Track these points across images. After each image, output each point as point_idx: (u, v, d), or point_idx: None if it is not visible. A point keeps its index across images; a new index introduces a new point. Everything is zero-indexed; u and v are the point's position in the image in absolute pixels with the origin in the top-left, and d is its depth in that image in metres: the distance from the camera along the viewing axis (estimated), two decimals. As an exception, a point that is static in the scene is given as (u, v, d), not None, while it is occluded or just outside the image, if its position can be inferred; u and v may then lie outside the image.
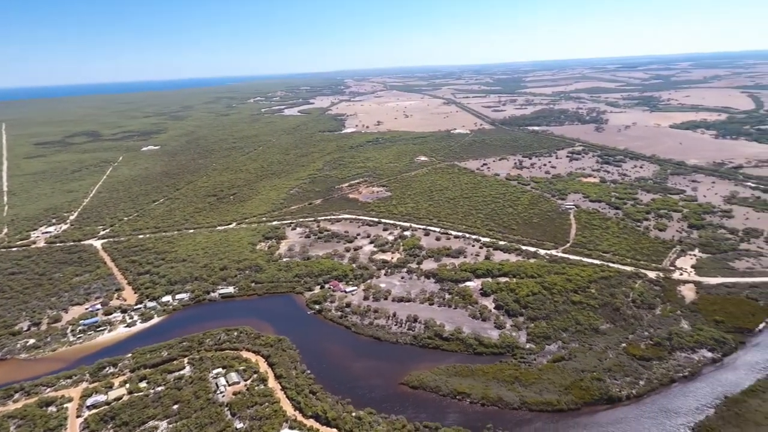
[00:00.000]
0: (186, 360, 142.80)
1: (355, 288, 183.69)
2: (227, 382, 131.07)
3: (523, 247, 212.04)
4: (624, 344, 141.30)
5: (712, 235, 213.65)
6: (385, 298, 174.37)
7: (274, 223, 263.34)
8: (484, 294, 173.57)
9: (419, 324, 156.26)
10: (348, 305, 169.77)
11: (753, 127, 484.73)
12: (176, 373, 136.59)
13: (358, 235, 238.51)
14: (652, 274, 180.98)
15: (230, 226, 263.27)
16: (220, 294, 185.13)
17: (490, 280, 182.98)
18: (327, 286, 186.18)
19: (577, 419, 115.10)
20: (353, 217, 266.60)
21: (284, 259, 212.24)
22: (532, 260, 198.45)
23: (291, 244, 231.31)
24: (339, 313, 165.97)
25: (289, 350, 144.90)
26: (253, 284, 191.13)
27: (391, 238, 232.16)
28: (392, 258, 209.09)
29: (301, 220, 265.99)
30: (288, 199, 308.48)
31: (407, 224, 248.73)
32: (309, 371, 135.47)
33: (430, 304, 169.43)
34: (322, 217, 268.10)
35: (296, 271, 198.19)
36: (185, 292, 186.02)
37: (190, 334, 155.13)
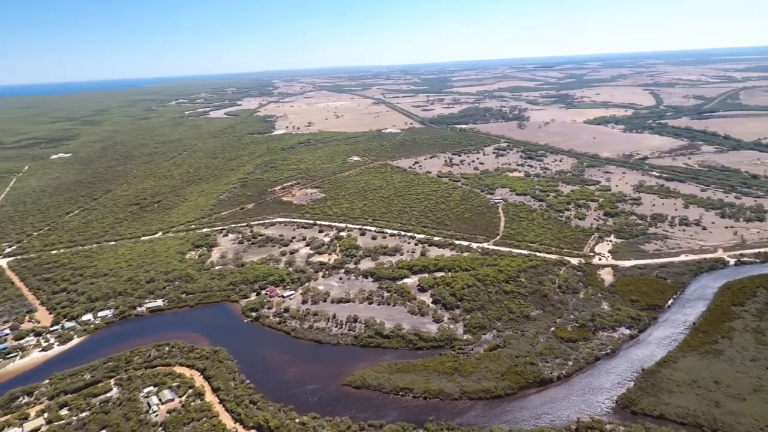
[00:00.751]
0: (113, 381, 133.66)
1: (293, 292, 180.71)
2: (160, 400, 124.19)
3: (457, 242, 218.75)
4: (553, 328, 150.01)
5: (625, 222, 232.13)
6: (324, 301, 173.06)
7: (204, 230, 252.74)
8: (422, 289, 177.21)
9: (360, 324, 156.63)
10: (286, 310, 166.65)
11: (655, 121, 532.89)
12: (102, 396, 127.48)
13: (294, 238, 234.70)
14: (574, 261, 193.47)
15: (156, 235, 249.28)
16: (147, 308, 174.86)
17: (426, 275, 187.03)
18: (263, 292, 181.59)
19: (513, 403, 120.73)
20: (288, 220, 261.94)
21: (217, 267, 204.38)
22: (465, 254, 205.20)
23: (223, 251, 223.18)
24: (277, 319, 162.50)
25: (226, 361, 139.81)
26: (183, 295, 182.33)
27: (327, 239, 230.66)
28: (329, 259, 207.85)
29: (233, 225, 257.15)
30: (218, 204, 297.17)
31: (343, 225, 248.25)
32: (249, 381, 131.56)
33: (370, 303, 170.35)
34: (256, 222, 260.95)
35: (230, 278, 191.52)
36: (108, 309, 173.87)
37: (116, 354, 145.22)
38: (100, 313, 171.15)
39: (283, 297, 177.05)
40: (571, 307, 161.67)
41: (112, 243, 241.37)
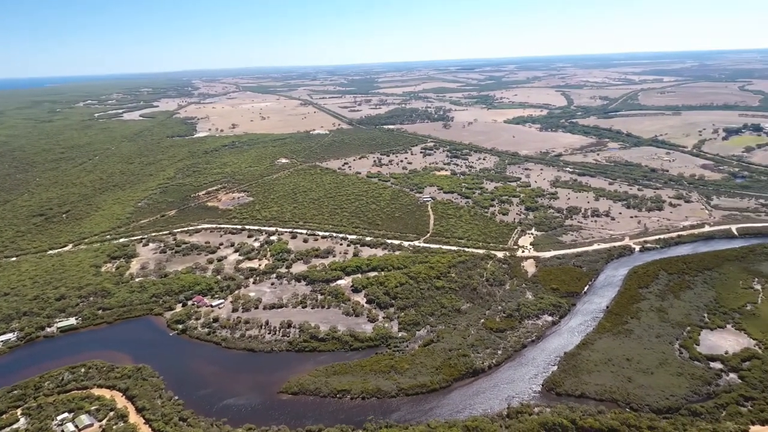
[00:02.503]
0: (19, 411, 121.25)
1: (223, 301, 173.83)
2: (77, 426, 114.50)
3: (389, 241, 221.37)
4: (483, 320, 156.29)
5: (544, 215, 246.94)
6: (256, 307, 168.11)
7: (122, 240, 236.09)
8: (356, 290, 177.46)
9: (294, 329, 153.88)
10: (216, 320, 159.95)
11: (567, 120, 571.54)
12: (7, 429, 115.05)
13: (221, 244, 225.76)
14: (500, 254, 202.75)
15: (66, 248, 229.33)
16: (58, 328, 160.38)
17: (360, 276, 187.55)
18: (190, 302, 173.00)
19: (449, 395, 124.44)
20: (214, 226, 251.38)
21: (137, 279, 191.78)
22: (397, 253, 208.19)
23: (144, 261, 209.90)
24: (206, 330, 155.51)
25: (151, 378, 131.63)
26: (100, 311, 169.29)
27: (257, 244, 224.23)
28: (260, 265, 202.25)
29: (154, 234, 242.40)
30: (136, 212, 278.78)
31: (273, 229, 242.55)
32: (177, 397, 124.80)
33: (304, 307, 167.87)
34: (179, 230, 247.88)
35: (153, 290, 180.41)
36: (11, 332, 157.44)
37: (22, 380, 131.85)
38: (1, 338, 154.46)
39: (211, 306, 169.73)
40: (498, 299, 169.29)
41: (14, 259, 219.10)
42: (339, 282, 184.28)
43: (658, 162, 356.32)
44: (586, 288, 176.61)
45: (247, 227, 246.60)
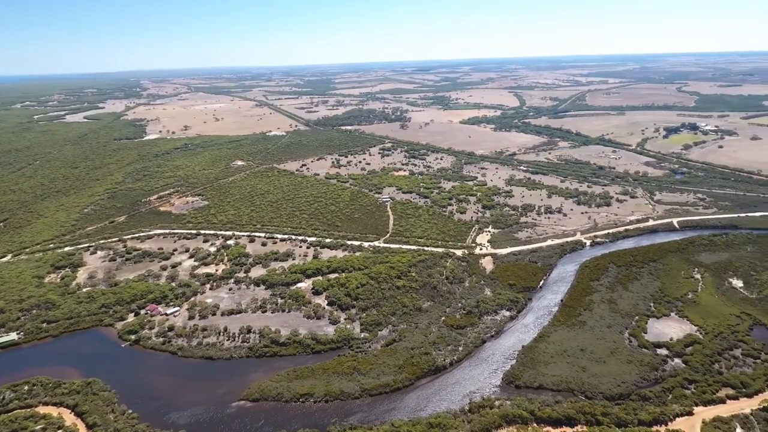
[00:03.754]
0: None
1: (178, 308, 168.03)
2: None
3: (349, 242, 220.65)
4: (443, 317, 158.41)
5: (500, 213, 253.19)
6: (214, 314, 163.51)
7: (67, 249, 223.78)
8: (317, 293, 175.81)
9: (254, 334, 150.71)
10: (171, 328, 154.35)
11: (520, 121, 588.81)
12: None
13: (175, 250, 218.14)
14: (459, 252, 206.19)
15: (4, 259, 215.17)
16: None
17: (320, 278, 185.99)
18: (143, 311, 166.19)
19: (412, 394, 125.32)
20: (167, 231, 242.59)
21: (85, 290, 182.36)
22: (358, 253, 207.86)
23: (92, 270, 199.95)
24: (161, 339, 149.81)
25: (102, 393, 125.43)
26: (44, 325, 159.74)
27: (213, 249, 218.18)
28: (217, 270, 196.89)
29: (102, 241, 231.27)
30: (82, 219, 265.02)
31: (230, 233, 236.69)
32: (131, 410, 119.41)
33: (263, 312, 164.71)
34: (129, 236, 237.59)
35: (102, 300, 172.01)
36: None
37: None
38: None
39: (166, 315, 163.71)
40: (458, 296, 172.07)
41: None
42: (299, 285, 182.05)
43: (606, 160, 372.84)
44: (541, 283, 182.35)
45: (202, 232, 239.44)
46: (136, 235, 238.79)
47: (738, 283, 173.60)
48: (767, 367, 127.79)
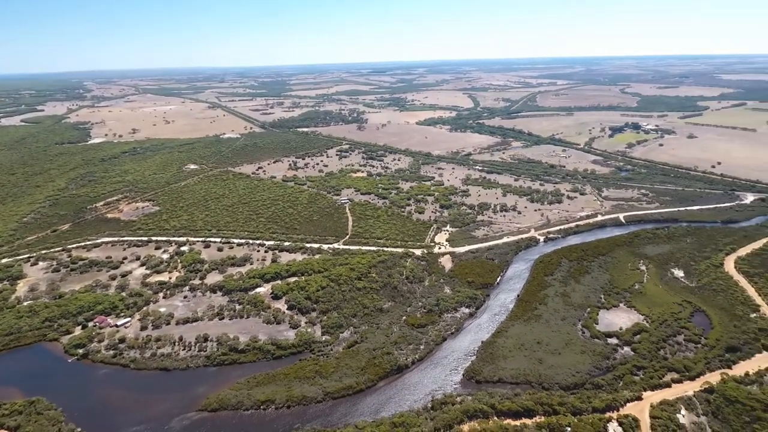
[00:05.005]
0: None
1: (129, 319, 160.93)
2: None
3: (308, 245, 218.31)
4: (404, 317, 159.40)
5: (458, 212, 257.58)
6: (168, 323, 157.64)
7: (4, 260, 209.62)
8: (276, 297, 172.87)
9: (211, 342, 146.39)
10: (122, 340, 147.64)
11: (474, 121, 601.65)
12: None
13: (125, 258, 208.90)
14: (418, 252, 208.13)
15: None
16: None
17: (279, 282, 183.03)
18: (91, 324, 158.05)
19: (375, 395, 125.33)
20: (116, 239, 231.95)
21: (26, 303, 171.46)
22: (317, 256, 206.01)
23: (33, 282, 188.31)
24: (112, 352, 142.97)
25: (47, 412, 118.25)
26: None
27: (166, 256, 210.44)
28: (170, 278, 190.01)
29: (44, 252, 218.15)
30: (21, 228, 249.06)
31: (183, 239, 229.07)
32: (80, 429, 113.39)
33: (221, 319, 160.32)
34: (74, 245, 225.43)
35: (45, 314, 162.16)
36: None
37: None
38: None
39: (116, 326, 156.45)
40: (418, 295, 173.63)
41: None
42: (258, 290, 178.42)
43: (556, 159, 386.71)
44: (498, 279, 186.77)
45: (154, 238, 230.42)
46: (82, 243, 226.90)
47: (679, 273, 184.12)
48: (707, 351, 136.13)
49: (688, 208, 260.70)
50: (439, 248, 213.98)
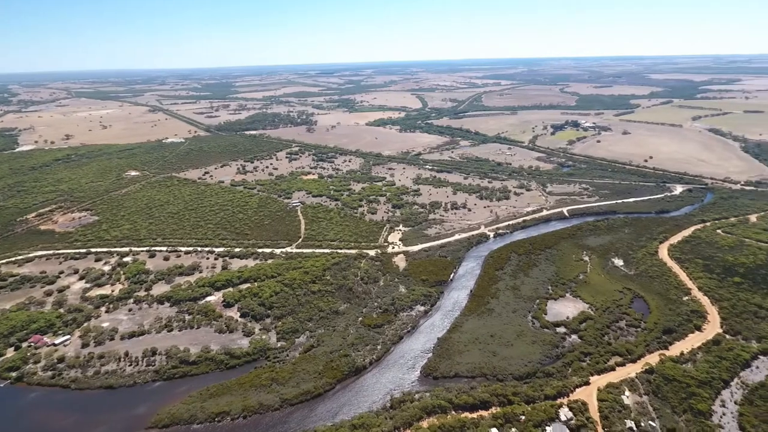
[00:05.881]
0: None
1: (68, 337, 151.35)
2: None
3: (260, 250, 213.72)
4: (360, 318, 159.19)
5: (410, 211, 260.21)
6: (112, 339, 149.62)
7: None
8: (228, 305, 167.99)
9: (160, 356, 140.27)
10: (61, 360, 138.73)
11: (423, 121, 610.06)
12: None
13: (62, 273, 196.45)
14: (372, 252, 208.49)
15: None
16: None
17: (231, 289, 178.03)
18: (26, 344, 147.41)
19: (334, 398, 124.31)
20: (50, 252, 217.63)
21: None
22: (270, 261, 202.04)
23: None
24: (50, 373, 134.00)
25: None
26: None
27: (107, 268, 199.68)
28: (113, 291, 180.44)
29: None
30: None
31: (126, 249, 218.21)
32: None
33: (170, 331, 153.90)
34: (4, 260, 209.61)
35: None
36: None
37: None
38: None
39: (54, 345, 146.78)
40: (374, 296, 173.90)
41: None
42: (208, 299, 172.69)
43: (503, 156, 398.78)
44: (452, 276, 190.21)
45: (93, 250, 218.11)
46: (12, 258, 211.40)
47: (619, 262, 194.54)
48: (646, 334, 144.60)
49: (625, 200, 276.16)
50: (393, 248, 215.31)
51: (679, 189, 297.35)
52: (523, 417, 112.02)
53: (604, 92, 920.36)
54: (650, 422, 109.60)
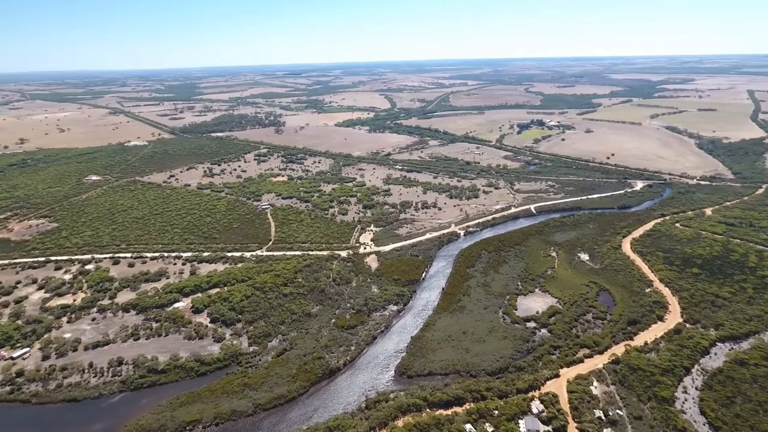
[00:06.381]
0: None
1: (28, 349, 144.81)
2: None
3: (229, 254, 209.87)
4: (333, 320, 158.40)
5: (381, 212, 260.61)
6: (75, 350, 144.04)
7: None
8: (197, 311, 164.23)
9: (126, 366, 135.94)
10: (20, 374, 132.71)
11: (392, 122, 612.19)
12: None
13: (19, 283, 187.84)
14: (344, 253, 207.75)
15: None
16: None
17: (200, 295, 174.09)
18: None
19: (308, 401, 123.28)
20: (5, 262, 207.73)
21: None
22: (239, 265, 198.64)
23: None
24: (8, 388, 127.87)
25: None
26: None
27: (68, 277, 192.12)
28: (75, 300, 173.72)
29: None
30: None
31: (88, 256, 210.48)
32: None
33: (136, 340, 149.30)
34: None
35: None
36: None
37: None
38: None
39: (12, 359, 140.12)
40: (346, 297, 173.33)
41: None
42: (177, 305, 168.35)
43: (471, 156, 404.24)
44: (424, 275, 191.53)
45: (53, 258, 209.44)
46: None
47: (585, 257, 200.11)
48: (612, 326, 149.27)
49: (590, 196, 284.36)
50: (365, 248, 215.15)
51: (639, 185, 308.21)
52: (497, 411, 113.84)
53: (567, 92, 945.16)
54: (617, 411, 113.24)
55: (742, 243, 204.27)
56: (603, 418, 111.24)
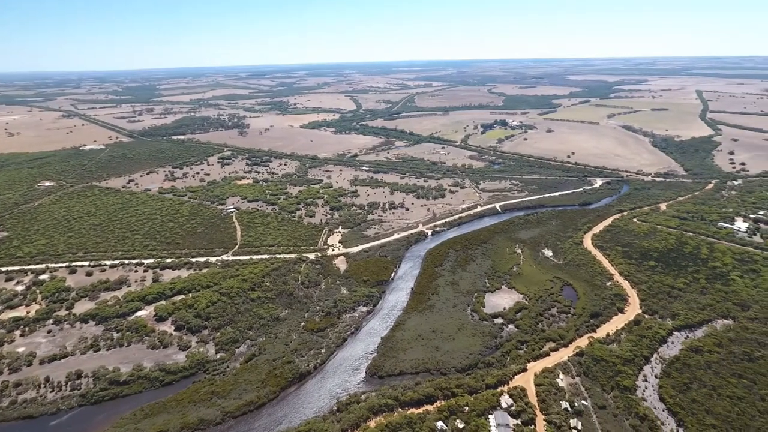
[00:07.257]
0: None
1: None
2: None
3: (194, 259, 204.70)
4: (303, 323, 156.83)
5: (348, 213, 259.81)
6: (29, 364, 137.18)
7: None
8: (161, 319, 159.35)
9: (86, 378, 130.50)
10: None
11: (358, 123, 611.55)
12: None
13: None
14: (312, 256, 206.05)
15: None
16: None
17: (164, 302, 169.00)
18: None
19: (278, 406, 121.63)
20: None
21: None
22: (204, 270, 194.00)
23: None
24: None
25: None
26: None
27: (20, 288, 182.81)
28: (28, 312, 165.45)
29: None
30: None
31: (42, 266, 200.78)
32: None
33: (96, 351, 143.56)
34: None
35: None
36: None
37: None
38: None
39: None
40: (315, 299, 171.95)
41: None
42: (139, 313, 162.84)
43: (437, 156, 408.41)
44: (393, 275, 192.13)
45: (3, 269, 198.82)
46: None
47: (549, 253, 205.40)
48: (576, 319, 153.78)
49: (552, 194, 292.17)
50: (333, 250, 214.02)
51: (599, 182, 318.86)
52: (467, 408, 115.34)
53: (528, 92, 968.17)
54: (583, 402, 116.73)
55: (694, 236, 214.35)
56: (569, 409, 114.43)
